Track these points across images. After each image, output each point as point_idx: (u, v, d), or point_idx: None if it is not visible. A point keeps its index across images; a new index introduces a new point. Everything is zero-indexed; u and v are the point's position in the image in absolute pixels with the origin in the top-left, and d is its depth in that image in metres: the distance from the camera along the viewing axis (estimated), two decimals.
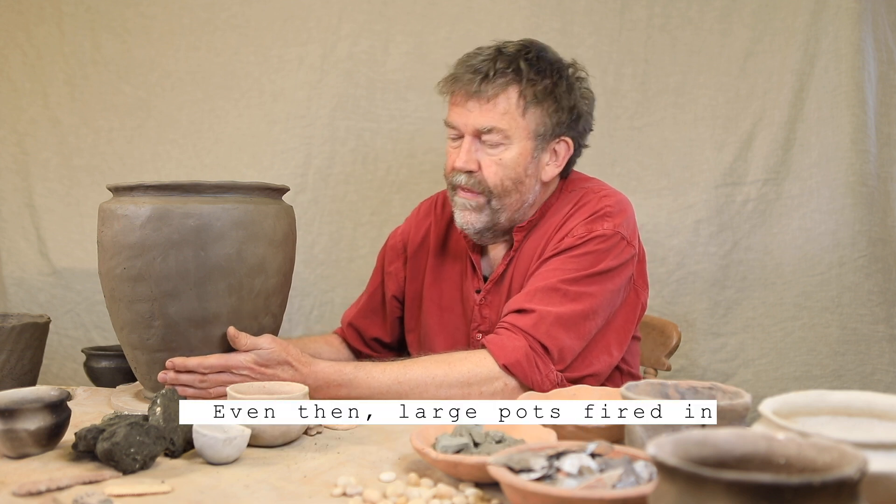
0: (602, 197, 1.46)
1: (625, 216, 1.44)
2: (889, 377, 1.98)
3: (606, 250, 1.40)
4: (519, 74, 1.42)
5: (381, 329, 1.71)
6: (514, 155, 1.44)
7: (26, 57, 2.15)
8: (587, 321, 1.38)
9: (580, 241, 1.40)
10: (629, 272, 1.44)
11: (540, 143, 1.46)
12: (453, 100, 1.47)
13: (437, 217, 1.67)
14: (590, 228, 1.41)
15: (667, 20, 2.08)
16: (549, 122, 1.46)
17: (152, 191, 1.28)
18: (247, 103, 2.13)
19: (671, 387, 1.02)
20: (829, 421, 0.87)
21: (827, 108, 2.00)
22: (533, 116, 1.44)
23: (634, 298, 1.48)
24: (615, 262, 1.40)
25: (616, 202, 1.46)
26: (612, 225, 1.41)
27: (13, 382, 1.39)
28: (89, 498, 0.87)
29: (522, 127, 1.44)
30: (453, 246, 1.63)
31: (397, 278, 1.69)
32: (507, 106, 1.42)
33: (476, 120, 1.43)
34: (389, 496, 0.90)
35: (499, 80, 1.42)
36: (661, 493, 0.61)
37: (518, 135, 1.43)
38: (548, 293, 1.37)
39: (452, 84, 1.47)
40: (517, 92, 1.43)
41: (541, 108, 1.44)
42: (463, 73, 1.44)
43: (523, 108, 1.43)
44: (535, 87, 1.43)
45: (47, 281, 2.09)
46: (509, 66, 1.42)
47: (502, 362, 1.31)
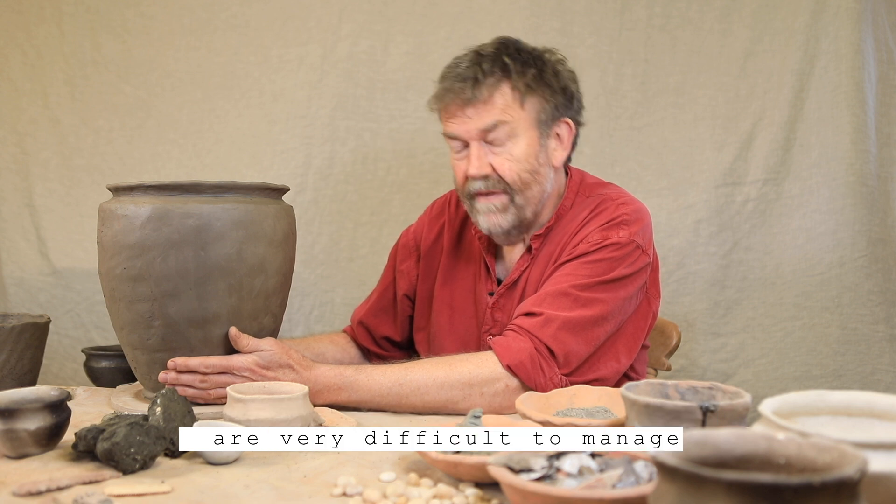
0: (620, 204, 1.46)
1: (641, 224, 1.44)
2: (889, 377, 1.98)
3: (621, 258, 1.39)
4: (506, 70, 1.43)
5: (391, 328, 1.70)
6: (523, 147, 1.44)
7: (26, 57, 2.16)
8: (596, 327, 1.37)
9: (595, 247, 1.40)
10: (642, 281, 1.44)
11: (544, 129, 1.47)
12: (449, 112, 1.46)
13: (451, 216, 1.67)
14: (605, 235, 1.41)
15: (667, 20, 2.08)
16: (548, 107, 1.46)
17: (152, 191, 1.27)
18: (247, 103, 2.13)
19: (671, 387, 1.02)
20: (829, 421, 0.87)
21: (827, 108, 2.00)
22: (532, 105, 1.45)
23: (646, 307, 1.48)
24: (628, 270, 1.40)
25: (634, 210, 1.45)
26: (628, 233, 1.41)
27: (13, 382, 1.39)
28: (89, 498, 0.87)
29: (524, 118, 1.44)
30: (467, 247, 1.63)
31: (409, 277, 1.67)
32: (505, 101, 1.43)
33: (478, 123, 1.43)
34: (389, 496, 0.90)
35: (489, 80, 1.42)
36: (661, 493, 0.61)
37: (522, 125, 1.44)
38: (558, 297, 1.36)
39: (443, 98, 1.46)
40: (510, 86, 1.43)
41: (536, 96, 1.45)
42: (452, 84, 1.44)
43: (520, 99, 1.43)
44: (525, 78, 1.44)
45: (47, 281, 2.09)
46: (494, 64, 1.43)
47: (506, 363, 1.31)
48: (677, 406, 0.90)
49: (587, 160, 2.05)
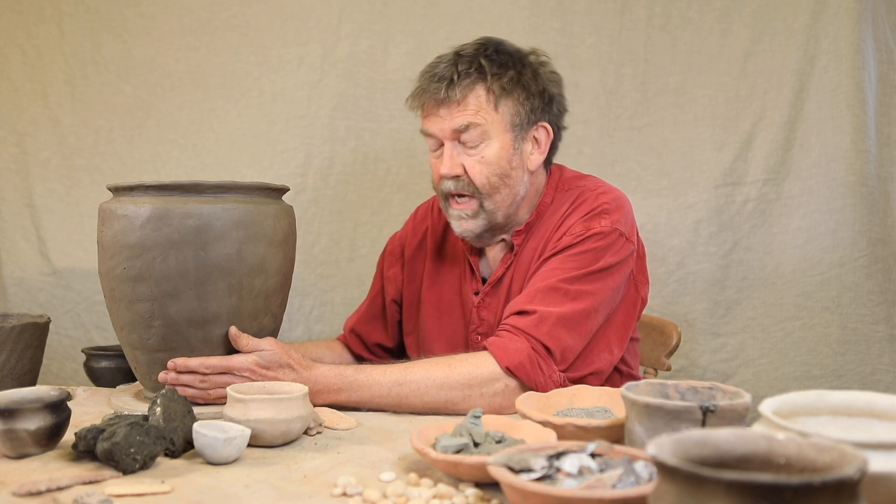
0: (599, 194, 1.47)
1: (622, 212, 1.44)
2: (889, 377, 1.98)
3: (605, 247, 1.40)
4: (482, 72, 1.43)
5: (382, 334, 1.71)
6: (495, 150, 1.44)
7: (26, 57, 2.16)
8: (588, 319, 1.38)
9: (578, 239, 1.40)
10: (628, 268, 1.44)
11: (518, 133, 1.47)
12: (425, 111, 1.48)
13: (434, 220, 1.68)
14: (587, 226, 1.41)
15: (667, 20, 2.08)
16: (522, 111, 1.46)
17: (152, 191, 1.27)
18: (247, 103, 2.13)
19: (671, 387, 1.02)
20: (829, 421, 0.87)
21: (827, 108, 2.00)
22: (506, 108, 1.45)
23: (634, 294, 1.48)
24: (614, 258, 1.40)
25: (613, 199, 1.46)
26: (609, 222, 1.42)
27: (13, 382, 1.39)
28: (89, 498, 0.87)
29: (498, 121, 1.44)
30: (451, 248, 1.64)
31: (396, 282, 1.69)
32: (478, 103, 1.43)
33: (451, 123, 1.43)
34: (389, 496, 0.90)
35: (464, 81, 1.43)
36: (661, 493, 0.61)
37: (495, 129, 1.44)
38: (548, 293, 1.37)
39: (420, 97, 1.47)
40: (484, 88, 1.43)
41: (511, 99, 1.45)
42: (428, 84, 1.45)
43: (494, 102, 1.43)
44: (501, 80, 1.44)
45: (47, 281, 2.09)
46: (471, 66, 1.43)
47: (505, 365, 1.31)
48: (677, 406, 0.90)
49: (587, 160, 2.06)
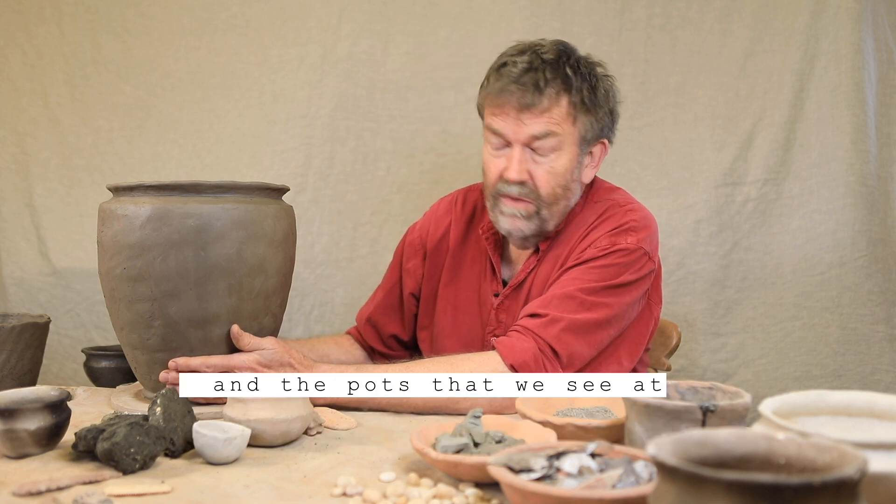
0: (627, 210, 1.47)
1: (648, 231, 1.45)
2: (889, 377, 1.98)
3: (628, 264, 1.40)
4: (567, 83, 1.42)
5: (399, 326, 1.69)
6: (564, 162, 1.44)
7: (26, 57, 2.15)
8: (600, 330, 1.37)
9: (603, 252, 1.41)
10: (646, 286, 1.45)
11: (584, 147, 1.47)
12: (501, 110, 1.43)
13: (457, 216, 1.66)
14: (613, 241, 1.42)
15: (667, 20, 2.08)
16: (593, 128, 1.47)
17: (152, 191, 1.27)
18: (247, 103, 2.13)
19: (671, 387, 1.02)
20: (829, 421, 0.87)
21: (827, 108, 2.00)
22: (582, 124, 1.45)
23: (648, 313, 1.49)
24: (634, 276, 1.40)
25: (641, 217, 1.46)
26: (635, 239, 1.42)
27: (13, 382, 1.39)
28: (89, 498, 0.87)
29: (572, 133, 1.44)
30: (473, 246, 1.62)
31: (415, 275, 1.66)
32: (561, 114, 1.42)
33: (531, 129, 1.41)
34: (389, 496, 0.90)
35: (550, 90, 1.40)
36: (661, 493, 0.61)
37: (568, 141, 1.44)
38: (564, 300, 1.37)
39: (500, 96, 1.43)
40: (568, 100, 1.42)
41: (589, 115, 1.45)
42: (512, 86, 1.41)
43: (574, 115, 1.43)
44: (583, 94, 1.43)
45: (47, 281, 2.09)
46: (556, 73, 1.41)
47: (509, 362, 1.31)
48: (677, 406, 0.90)
49: None
